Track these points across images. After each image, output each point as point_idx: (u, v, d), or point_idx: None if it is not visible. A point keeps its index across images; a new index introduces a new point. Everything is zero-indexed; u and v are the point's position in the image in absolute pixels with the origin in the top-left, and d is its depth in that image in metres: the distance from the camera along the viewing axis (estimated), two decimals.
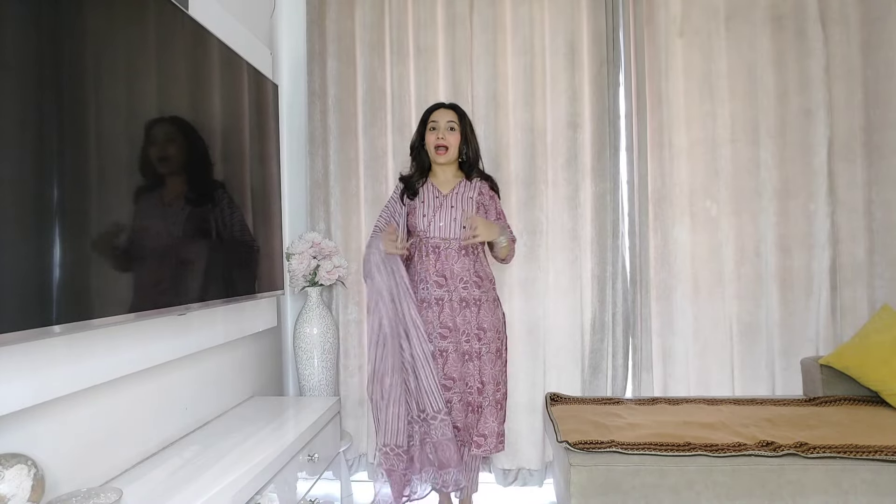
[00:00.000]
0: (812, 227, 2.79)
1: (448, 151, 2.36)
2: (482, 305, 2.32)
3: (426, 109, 2.45)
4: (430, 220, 2.33)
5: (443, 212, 2.34)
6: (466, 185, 2.40)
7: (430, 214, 2.34)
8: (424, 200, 2.37)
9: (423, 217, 2.34)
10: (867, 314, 2.74)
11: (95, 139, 1.27)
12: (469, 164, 2.42)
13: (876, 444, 1.94)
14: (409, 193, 2.39)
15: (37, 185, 1.11)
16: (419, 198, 2.38)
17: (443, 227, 2.33)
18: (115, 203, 1.34)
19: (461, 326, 2.30)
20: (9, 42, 1.05)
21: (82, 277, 1.22)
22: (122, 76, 1.37)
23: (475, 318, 2.31)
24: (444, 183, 2.41)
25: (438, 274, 2.30)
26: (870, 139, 2.76)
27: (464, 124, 2.39)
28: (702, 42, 2.85)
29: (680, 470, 1.90)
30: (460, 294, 2.30)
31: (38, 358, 1.21)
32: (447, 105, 2.43)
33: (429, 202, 2.36)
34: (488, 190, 2.42)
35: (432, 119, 2.39)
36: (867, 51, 2.77)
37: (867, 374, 2.46)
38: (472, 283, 2.32)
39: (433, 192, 2.38)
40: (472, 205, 2.36)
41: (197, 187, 1.73)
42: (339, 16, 2.87)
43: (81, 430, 1.40)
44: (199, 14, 1.84)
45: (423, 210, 2.35)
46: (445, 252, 2.31)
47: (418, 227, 2.35)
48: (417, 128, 2.45)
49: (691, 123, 2.85)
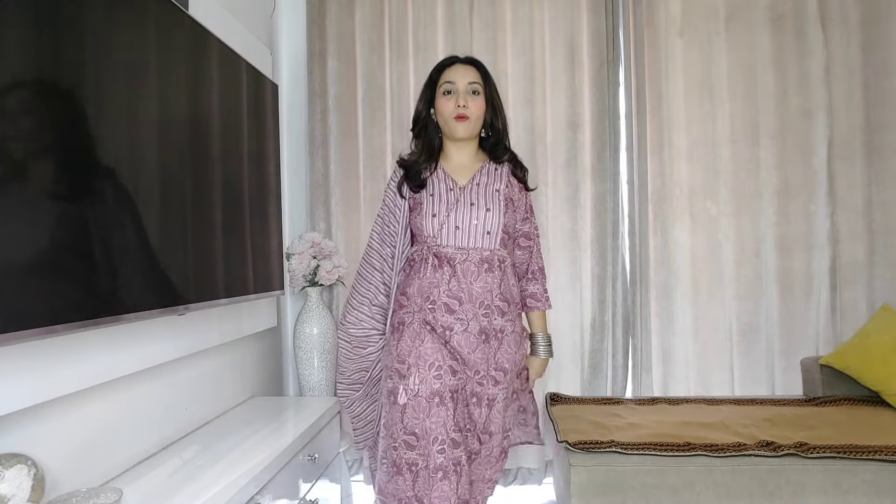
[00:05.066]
0: (812, 228, 2.79)
1: (470, 123, 1.75)
2: (504, 339, 1.74)
3: (435, 66, 1.84)
4: (441, 221, 1.73)
5: (459, 211, 1.74)
6: (491, 170, 1.81)
7: (443, 214, 1.74)
8: (434, 194, 1.76)
9: (431, 218, 1.74)
10: (867, 314, 2.74)
11: (93, 139, 1.27)
12: (496, 141, 1.82)
13: (876, 445, 1.94)
14: (413, 184, 1.79)
15: (34, 185, 1.11)
16: (427, 190, 1.77)
17: (460, 233, 1.73)
18: (112, 203, 1.34)
19: (475, 363, 1.72)
20: (8, 41, 1.05)
21: (82, 277, 1.22)
22: (121, 75, 1.37)
23: (494, 356, 1.73)
24: (461, 169, 1.81)
25: (451, 296, 1.70)
26: (870, 139, 2.77)
27: (489, 87, 1.80)
28: (702, 42, 2.85)
29: (680, 470, 1.90)
30: (479, 323, 1.71)
31: (37, 358, 1.21)
32: (465, 59, 1.82)
33: (440, 197, 1.76)
34: (516, 181, 1.85)
35: (446, 80, 1.77)
36: (867, 51, 2.77)
37: (867, 375, 2.46)
38: (494, 310, 1.73)
39: (446, 182, 1.78)
40: (497, 201, 1.77)
41: (196, 187, 1.72)
42: (339, 15, 2.86)
43: (81, 430, 1.40)
44: (198, 13, 1.83)
45: (431, 207, 1.75)
46: (463, 266, 1.71)
47: (424, 231, 1.75)
48: (423, 92, 1.84)
49: (691, 124, 2.86)
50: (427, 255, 1.74)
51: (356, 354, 1.90)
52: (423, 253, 1.76)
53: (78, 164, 1.22)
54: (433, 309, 1.71)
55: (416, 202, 1.79)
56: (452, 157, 1.82)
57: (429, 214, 1.75)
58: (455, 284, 1.71)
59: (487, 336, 1.72)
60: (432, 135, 1.82)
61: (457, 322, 1.70)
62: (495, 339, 1.73)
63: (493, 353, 1.73)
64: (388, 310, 1.84)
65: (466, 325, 1.70)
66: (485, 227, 1.74)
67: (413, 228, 1.83)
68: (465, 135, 1.77)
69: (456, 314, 1.70)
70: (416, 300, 1.73)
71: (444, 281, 1.71)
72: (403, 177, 1.82)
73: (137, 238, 1.43)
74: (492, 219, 1.75)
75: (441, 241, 1.74)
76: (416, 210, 1.80)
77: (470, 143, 1.82)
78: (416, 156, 1.81)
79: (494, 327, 1.73)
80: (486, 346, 1.72)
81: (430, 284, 1.72)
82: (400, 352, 1.71)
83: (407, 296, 1.76)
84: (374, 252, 1.87)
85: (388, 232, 1.85)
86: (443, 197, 1.76)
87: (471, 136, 1.79)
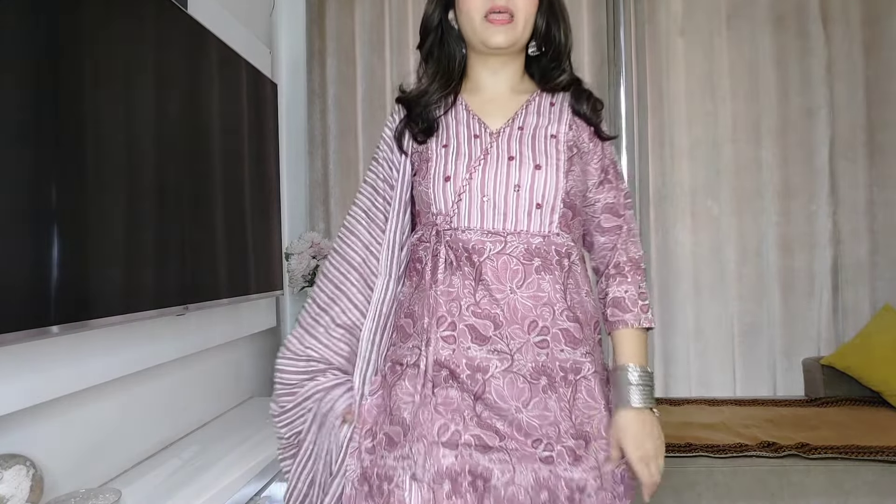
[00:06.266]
0: (813, 227, 2.78)
1: (515, 27, 1.08)
2: (582, 384, 1.05)
3: None
4: (459, 188, 1.06)
5: (489, 170, 1.07)
6: (543, 106, 1.14)
7: (462, 176, 1.07)
8: (449, 144, 1.10)
9: (442, 183, 1.07)
10: (869, 314, 2.73)
11: (93, 139, 1.26)
12: (553, 58, 1.15)
13: (878, 445, 1.93)
14: (417, 130, 1.13)
15: (34, 185, 1.11)
16: (437, 139, 1.11)
17: (490, 207, 1.06)
18: (112, 203, 1.33)
19: (531, 427, 1.01)
20: (5, 39, 1.04)
21: (81, 277, 1.22)
22: (120, 75, 1.37)
23: (568, 413, 1.03)
24: (495, 104, 1.13)
25: (481, 314, 1.03)
26: (871, 139, 2.76)
27: None
28: (703, 41, 2.84)
29: (681, 471, 1.89)
30: (534, 359, 1.02)
31: (36, 358, 1.21)
32: None
33: (458, 148, 1.09)
34: (584, 123, 1.16)
35: None
36: (869, 50, 2.76)
37: (869, 375, 2.46)
38: (558, 336, 1.04)
39: (469, 125, 1.12)
40: (555, 153, 1.08)
41: (194, 187, 1.72)
42: (339, 14, 2.86)
43: (80, 430, 1.39)
44: (198, 13, 1.83)
45: (443, 165, 1.08)
46: (495, 264, 1.04)
47: (433, 206, 1.08)
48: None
49: (692, 123, 2.85)
50: (436, 248, 1.06)
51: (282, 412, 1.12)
52: (429, 245, 1.07)
53: (77, 163, 1.22)
54: (450, 339, 1.02)
55: (422, 159, 1.11)
56: (482, 84, 1.15)
57: (439, 177, 1.07)
58: (485, 295, 1.02)
59: (551, 379, 1.02)
60: (452, 49, 1.15)
61: (493, 357, 1.01)
62: (565, 385, 1.03)
63: (566, 409, 1.02)
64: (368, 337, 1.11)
65: (510, 363, 1.01)
66: (532, 197, 1.04)
67: (416, 203, 1.14)
68: (506, 43, 1.08)
69: (491, 344, 1.01)
70: (423, 325, 1.05)
71: (465, 290, 1.03)
72: (405, 120, 1.15)
73: (136, 238, 1.42)
74: (545, 182, 1.05)
75: (459, 223, 1.05)
76: (420, 173, 1.11)
77: (512, 62, 1.13)
78: (425, 84, 1.15)
79: (561, 365, 1.03)
80: (548, 398, 1.01)
81: (442, 297, 1.04)
82: (395, 407, 1.03)
83: (414, 318, 1.08)
84: (353, 240, 1.16)
85: (377, 208, 1.16)
86: (462, 148, 1.08)
87: (514, 46, 1.10)
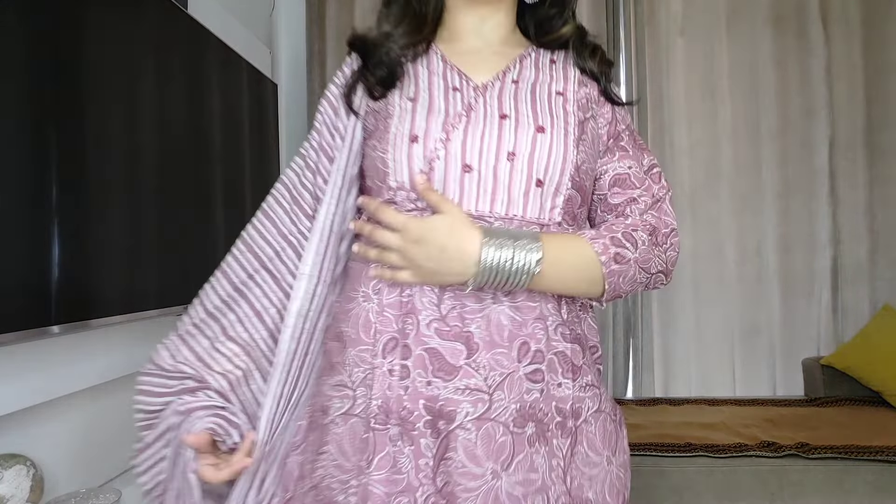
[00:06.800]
0: (813, 227, 2.78)
1: None
2: (582, 432, 0.79)
3: None
4: (431, 152, 0.78)
5: (473, 130, 0.79)
6: (542, 62, 0.88)
7: (435, 135, 0.78)
8: (417, 98, 0.82)
9: (408, 144, 0.79)
10: (869, 314, 2.73)
11: (93, 139, 1.26)
12: (554, 2, 0.89)
13: (878, 445, 1.93)
14: (376, 81, 0.84)
15: (34, 185, 1.11)
16: (403, 91, 0.83)
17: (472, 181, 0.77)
18: (112, 203, 1.34)
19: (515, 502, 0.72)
20: (5, 39, 1.04)
21: (81, 277, 1.22)
22: (119, 74, 1.37)
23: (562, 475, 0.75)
24: (480, 56, 0.87)
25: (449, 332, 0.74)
26: (871, 139, 2.76)
27: None
28: (703, 41, 2.84)
29: (681, 470, 1.89)
30: (519, 398, 0.74)
31: (37, 358, 1.21)
32: None
33: (430, 101, 0.82)
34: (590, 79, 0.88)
35: None
36: (868, 50, 2.76)
37: (869, 375, 2.46)
38: (556, 361, 0.78)
39: (447, 76, 0.84)
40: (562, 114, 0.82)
41: (195, 187, 1.72)
42: (339, 14, 2.86)
43: (80, 430, 1.39)
44: (198, 13, 1.83)
45: (410, 122, 0.80)
46: None
47: (393, 177, 0.79)
48: None
49: (692, 122, 2.85)
50: None
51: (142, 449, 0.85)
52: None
53: (77, 163, 1.22)
54: (402, 371, 0.74)
55: (378, 118, 0.83)
56: (463, 33, 0.87)
57: (402, 137, 0.79)
58: (454, 306, 0.75)
59: (541, 427, 0.75)
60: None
61: (464, 399, 0.73)
62: (561, 435, 0.76)
63: (559, 469, 0.75)
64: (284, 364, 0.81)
65: (487, 406, 0.73)
66: (532, 170, 0.77)
67: (367, 178, 0.85)
68: None
69: (461, 378, 0.73)
70: (363, 350, 0.77)
71: (425, 299, 0.75)
72: (359, 71, 0.87)
73: (136, 238, 1.43)
74: (550, 150, 0.78)
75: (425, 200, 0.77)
76: (375, 134, 0.83)
77: (504, 8, 0.88)
78: (388, 26, 0.85)
79: (558, 406, 0.77)
80: (535, 453, 0.74)
81: (390, 310, 0.76)
82: (322, 483, 0.77)
83: (344, 340, 0.79)
84: (266, 227, 0.93)
85: (304, 187, 0.92)
86: (436, 102, 0.80)
87: None
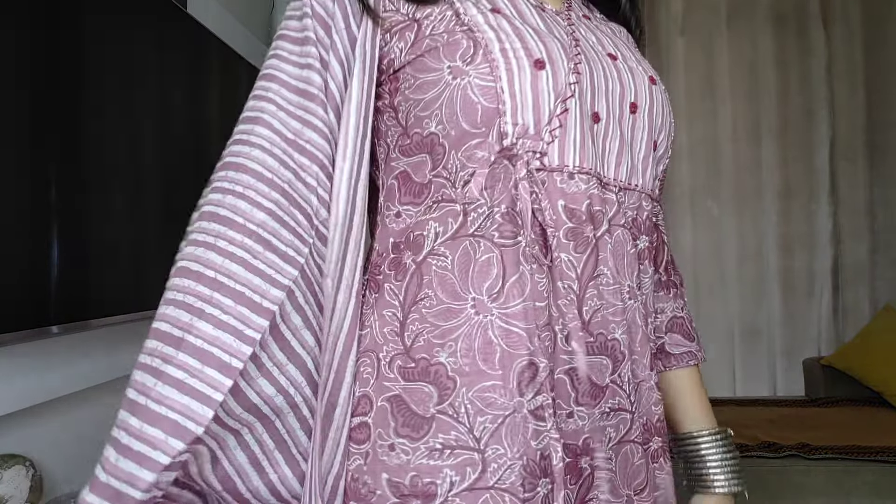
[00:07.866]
0: (814, 227, 2.78)
1: None
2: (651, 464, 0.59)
3: None
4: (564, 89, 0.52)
5: (596, 68, 0.56)
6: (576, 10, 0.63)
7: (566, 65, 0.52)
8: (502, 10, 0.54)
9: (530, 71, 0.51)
10: (869, 314, 2.73)
11: (93, 139, 1.26)
12: None
13: (878, 445, 1.93)
14: None
15: (34, 185, 1.11)
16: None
17: (601, 134, 0.56)
18: (112, 202, 1.34)
19: None
20: (4, 38, 1.04)
21: (81, 277, 1.22)
22: (118, 74, 1.37)
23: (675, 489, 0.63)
24: None
25: (594, 342, 0.52)
26: (872, 138, 2.76)
27: None
28: (703, 41, 2.85)
29: None
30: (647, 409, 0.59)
31: (37, 358, 1.21)
32: None
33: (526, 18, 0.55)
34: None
35: None
36: (869, 50, 2.76)
37: (869, 375, 2.45)
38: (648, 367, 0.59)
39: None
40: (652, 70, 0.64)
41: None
42: None
43: (80, 430, 1.39)
44: (198, 13, 1.83)
45: (524, 40, 0.52)
46: (612, 239, 0.54)
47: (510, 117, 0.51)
48: None
49: (693, 122, 2.85)
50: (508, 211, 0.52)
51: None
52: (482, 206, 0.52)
53: (77, 163, 1.22)
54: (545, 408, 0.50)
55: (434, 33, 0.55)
56: None
57: (521, 59, 0.52)
58: (599, 306, 0.54)
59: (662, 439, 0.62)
60: None
61: (608, 424, 0.55)
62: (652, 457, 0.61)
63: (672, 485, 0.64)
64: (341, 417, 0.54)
65: (628, 427, 0.56)
66: (651, 128, 0.61)
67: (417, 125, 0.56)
68: None
69: (606, 400, 0.54)
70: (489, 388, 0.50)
71: (566, 299, 0.52)
72: None
73: (136, 238, 1.43)
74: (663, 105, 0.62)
75: (553, 160, 0.53)
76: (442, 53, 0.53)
77: None
78: None
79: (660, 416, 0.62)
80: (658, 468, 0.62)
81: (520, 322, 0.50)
82: None
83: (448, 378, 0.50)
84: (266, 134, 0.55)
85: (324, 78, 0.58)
86: (530, 20, 0.56)
87: None
